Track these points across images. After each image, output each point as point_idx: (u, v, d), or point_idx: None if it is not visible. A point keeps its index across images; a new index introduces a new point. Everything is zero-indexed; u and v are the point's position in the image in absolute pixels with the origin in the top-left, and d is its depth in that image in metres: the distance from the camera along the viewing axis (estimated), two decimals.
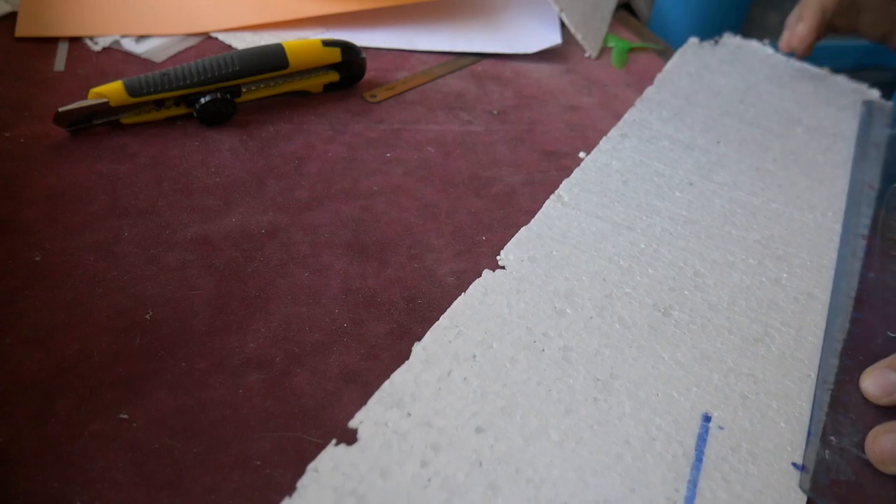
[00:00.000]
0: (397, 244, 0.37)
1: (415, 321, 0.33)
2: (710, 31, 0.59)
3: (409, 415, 0.27)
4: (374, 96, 0.49)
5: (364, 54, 0.48)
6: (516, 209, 0.40)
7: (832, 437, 0.29)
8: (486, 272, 0.34)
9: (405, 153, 0.44)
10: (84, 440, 0.26)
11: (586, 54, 0.58)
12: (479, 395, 0.28)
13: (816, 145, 0.47)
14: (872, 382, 0.31)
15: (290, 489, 0.25)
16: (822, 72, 0.56)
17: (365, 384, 0.30)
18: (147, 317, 0.31)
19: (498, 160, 0.44)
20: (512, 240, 0.36)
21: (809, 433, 0.29)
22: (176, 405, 0.28)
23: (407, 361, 0.29)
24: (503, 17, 0.60)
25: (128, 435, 0.27)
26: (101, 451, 0.26)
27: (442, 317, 0.31)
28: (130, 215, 0.36)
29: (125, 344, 0.30)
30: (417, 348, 0.30)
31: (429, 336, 0.30)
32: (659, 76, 0.51)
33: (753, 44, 0.58)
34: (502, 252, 0.35)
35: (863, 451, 0.29)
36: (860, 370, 0.32)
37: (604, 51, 0.59)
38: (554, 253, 0.36)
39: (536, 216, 0.38)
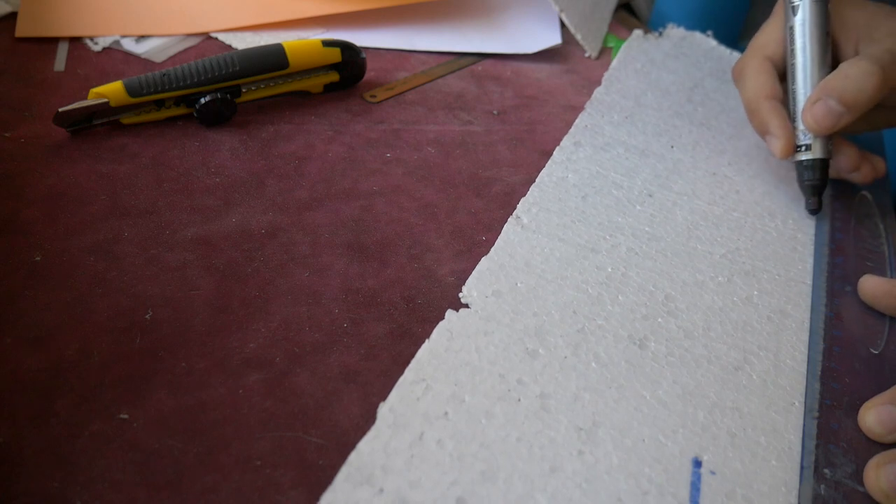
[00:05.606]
0: (397, 244, 0.37)
1: (415, 321, 0.33)
2: (709, 31, 0.59)
3: (382, 491, 0.25)
4: (374, 96, 0.49)
5: (364, 54, 0.48)
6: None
7: (826, 470, 0.28)
8: (450, 313, 0.31)
9: (405, 153, 0.44)
10: (84, 440, 0.26)
11: (586, 54, 0.58)
12: (456, 459, 0.26)
13: (766, 145, 0.47)
14: (875, 420, 0.29)
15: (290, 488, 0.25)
16: None
17: (365, 384, 0.30)
18: (147, 317, 0.31)
19: (498, 160, 0.44)
20: (473, 272, 0.34)
21: (802, 467, 0.28)
22: (176, 405, 0.28)
23: (373, 426, 0.26)
24: (503, 17, 0.60)
25: (128, 435, 0.27)
26: (101, 451, 0.26)
27: (406, 370, 0.29)
28: (130, 215, 0.36)
29: (125, 344, 0.30)
30: (383, 410, 0.27)
31: (394, 394, 0.28)
32: (606, 75, 0.50)
33: (697, 35, 0.58)
34: (464, 288, 0.33)
35: (859, 483, 0.28)
36: (846, 394, 0.31)
37: (604, 51, 0.59)
38: (519, 285, 0.34)
39: (496, 243, 0.36)
